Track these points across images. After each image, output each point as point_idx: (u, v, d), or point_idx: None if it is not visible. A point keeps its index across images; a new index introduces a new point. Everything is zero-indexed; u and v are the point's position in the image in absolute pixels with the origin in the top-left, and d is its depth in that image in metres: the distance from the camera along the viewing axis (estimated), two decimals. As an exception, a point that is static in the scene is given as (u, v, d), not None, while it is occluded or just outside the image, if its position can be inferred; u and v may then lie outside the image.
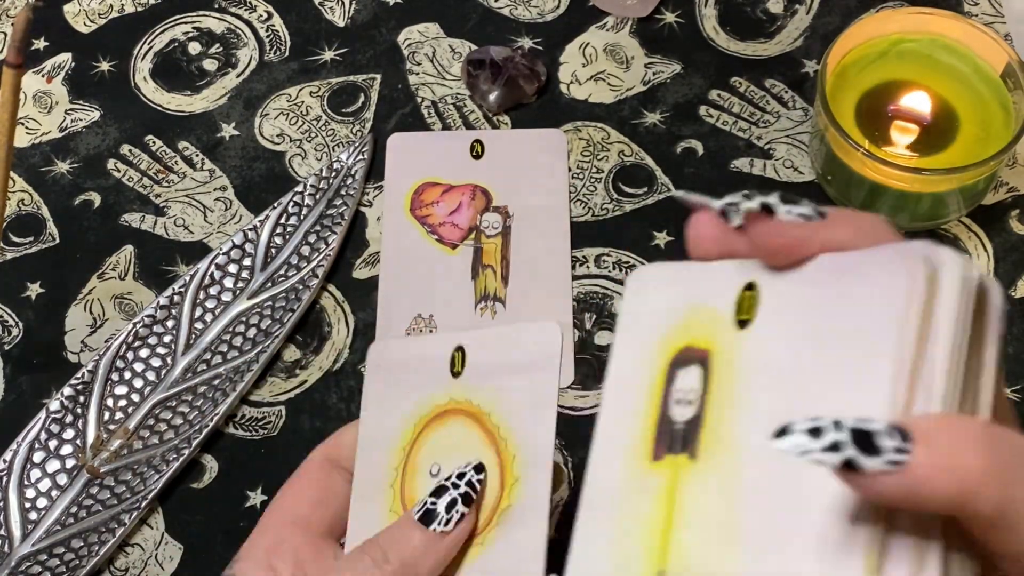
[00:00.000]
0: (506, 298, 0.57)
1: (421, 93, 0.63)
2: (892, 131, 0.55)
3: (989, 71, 0.55)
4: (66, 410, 0.54)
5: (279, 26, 0.66)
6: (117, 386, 0.55)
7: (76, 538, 0.52)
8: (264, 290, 0.57)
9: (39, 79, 0.65)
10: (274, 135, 0.62)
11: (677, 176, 0.60)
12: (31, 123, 0.64)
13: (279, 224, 0.59)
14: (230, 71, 0.65)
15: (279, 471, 0.54)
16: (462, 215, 0.59)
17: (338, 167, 0.60)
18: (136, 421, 0.55)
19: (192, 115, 0.63)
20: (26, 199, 0.62)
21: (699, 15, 0.64)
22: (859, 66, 0.56)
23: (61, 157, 0.63)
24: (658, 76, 0.62)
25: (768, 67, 0.62)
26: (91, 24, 0.67)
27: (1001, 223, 0.57)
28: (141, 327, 0.56)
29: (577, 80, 0.63)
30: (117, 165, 0.62)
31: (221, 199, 0.61)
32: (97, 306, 0.58)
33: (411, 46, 0.65)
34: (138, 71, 0.65)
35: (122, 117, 0.64)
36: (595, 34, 0.64)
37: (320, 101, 0.63)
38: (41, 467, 0.53)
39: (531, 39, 0.64)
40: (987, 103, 0.55)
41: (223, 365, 0.56)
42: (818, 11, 0.64)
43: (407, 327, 0.56)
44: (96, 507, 0.53)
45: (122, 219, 0.61)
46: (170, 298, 0.57)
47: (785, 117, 0.61)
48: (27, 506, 0.53)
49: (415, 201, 0.60)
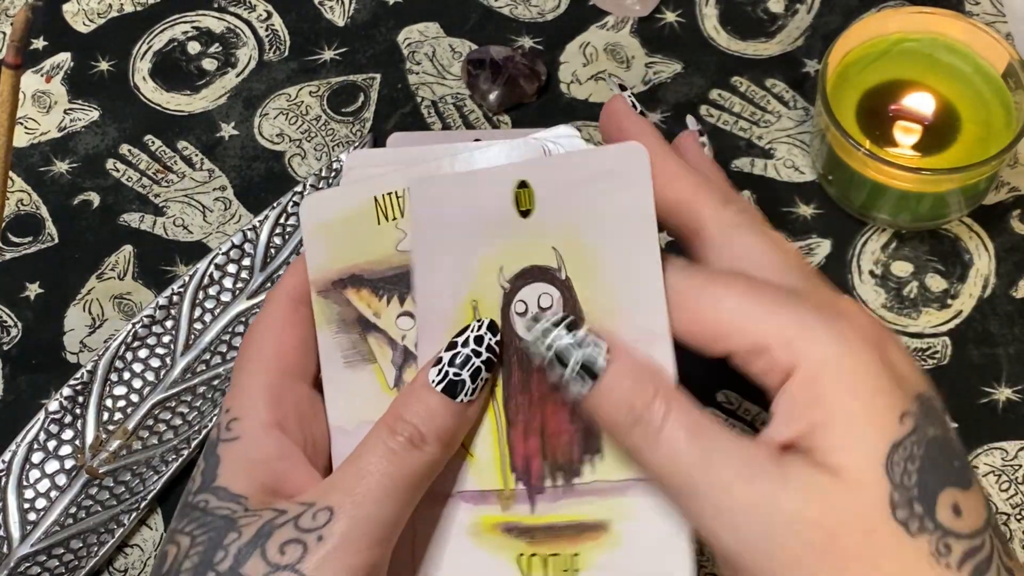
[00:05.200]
0: None
1: (421, 93, 0.63)
2: (895, 131, 0.55)
3: (990, 71, 0.55)
4: (65, 411, 0.54)
5: (279, 26, 0.66)
6: (116, 386, 0.55)
7: (75, 539, 0.52)
8: (264, 290, 0.57)
9: (38, 79, 0.65)
10: (274, 135, 0.62)
11: (678, 176, 0.59)
12: (30, 123, 0.64)
13: (279, 224, 0.58)
14: (229, 71, 0.65)
15: (279, 472, 0.54)
16: None
17: (338, 167, 0.60)
18: (135, 422, 0.55)
19: (191, 115, 0.63)
20: (25, 199, 0.61)
21: (700, 14, 0.64)
22: (860, 66, 0.56)
23: (60, 157, 0.63)
24: (659, 76, 0.62)
25: (769, 67, 0.62)
26: (90, 24, 0.67)
27: (1002, 223, 0.57)
28: (140, 327, 0.56)
29: (577, 80, 0.63)
30: (116, 165, 0.62)
31: (220, 199, 0.61)
32: (96, 306, 0.58)
33: (411, 46, 0.65)
34: (137, 71, 0.65)
35: (121, 117, 0.64)
36: (595, 33, 0.64)
37: (320, 101, 0.63)
38: (40, 468, 0.53)
39: (531, 39, 0.64)
40: (988, 103, 0.55)
41: (223, 365, 0.55)
42: (819, 10, 0.64)
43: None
44: (95, 508, 0.52)
45: (121, 219, 0.61)
46: (169, 298, 0.57)
47: (786, 117, 0.61)
48: (26, 507, 0.53)
49: None
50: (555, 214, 0.37)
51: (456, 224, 0.39)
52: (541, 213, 0.38)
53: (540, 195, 0.38)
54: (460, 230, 0.39)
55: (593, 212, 0.37)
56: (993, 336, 0.54)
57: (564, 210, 0.37)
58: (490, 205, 0.38)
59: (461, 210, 0.39)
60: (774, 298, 0.34)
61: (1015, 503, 0.51)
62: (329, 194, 0.41)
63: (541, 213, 0.38)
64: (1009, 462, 0.52)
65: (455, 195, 0.39)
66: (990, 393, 0.53)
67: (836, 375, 0.32)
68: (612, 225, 0.37)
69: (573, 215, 0.37)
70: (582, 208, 0.37)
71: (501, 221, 0.38)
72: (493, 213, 0.38)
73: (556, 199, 0.37)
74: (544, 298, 0.37)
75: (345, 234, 0.40)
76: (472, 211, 0.38)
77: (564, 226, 0.37)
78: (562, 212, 0.37)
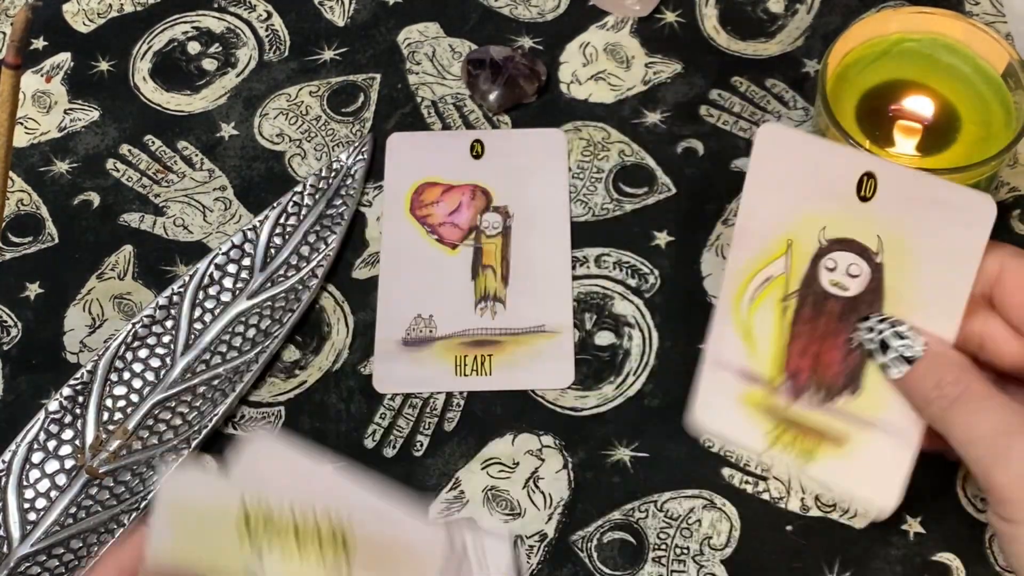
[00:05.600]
0: (506, 298, 0.57)
1: (421, 93, 0.63)
2: (895, 132, 0.55)
3: (990, 71, 0.55)
4: (65, 410, 0.54)
5: (279, 26, 0.66)
6: (116, 386, 0.55)
7: (75, 539, 0.52)
8: (264, 290, 0.57)
9: (38, 79, 0.65)
10: (273, 135, 0.62)
11: (678, 176, 0.60)
12: (30, 123, 0.64)
13: (279, 224, 0.59)
14: (229, 71, 0.65)
15: (278, 472, 0.54)
16: (462, 215, 0.59)
17: (338, 167, 0.60)
18: (135, 422, 0.55)
19: (191, 115, 0.63)
20: (25, 199, 0.61)
21: (700, 15, 0.64)
22: (860, 66, 0.56)
23: (60, 157, 0.63)
24: (658, 76, 0.62)
25: (769, 67, 0.62)
26: (90, 24, 0.67)
27: (1002, 223, 0.57)
28: (140, 327, 0.56)
29: (577, 80, 0.63)
30: (116, 165, 0.62)
31: (220, 199, 0.61)
32: (96, 306, 0.58)
33: (411, 46, 0.65)
34: (137, 71, 0.65)
35: (121, 117, 0.64)
36: (595, 34, 0.64)
37: (320, 101, 0.63)
38: (40, 468, 0.53)
39: (531, 39, 0.64)
40: (988, 103, 0.55)
41: (222, 365, 0.56)
42: (819, 11, 0.64)
43: (407, 327, 0.56)
44: (95, 508, 0.53)
45: (121, 219, 0.61)
46: (169, 298, 0.57)
47: (786, 117, 0.61)
48: (26, 507, 0.53)
49: (415, 201, 0.60)
50: (891, 212, 0.45)
51: (793, 175, 0.46)
52: (879, 204, 0.45)
53: (883, 190, 0.45)
54: (796, 182, 0.46)
55: (927, 228, 0.44)
56: (993, 336, 0.54)
57: (900, 213, 0.44)
58: (833, 177, 0.45)
59: (802, 167, 0.46)
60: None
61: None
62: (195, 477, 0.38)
63: (879, 204, 0.45)
64: (1009, 462, 0.52)
65: (802, 152, 0.46)
66: (990, 393, 0.53)
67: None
68: (940, 247, 0.44)
69: (907, 221, 0.44)
70: (918, 220, 0.44)
71: (839, 195, 0.45)
72: (834, 185, 0.45)
73: (896, 201, 0.44)
74: (854, 267, 0.45)
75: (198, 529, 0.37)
76: (812, 173, 0.46)
77: (895, 225, 0.45)
78: (898, 213, 0.44)
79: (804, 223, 0.46)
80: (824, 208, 0.46)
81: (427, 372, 0.55)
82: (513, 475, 0.53)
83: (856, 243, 0.45)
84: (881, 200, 0.45)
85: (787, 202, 0.47)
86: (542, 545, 0.51)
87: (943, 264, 0.44)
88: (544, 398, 0.54)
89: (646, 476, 0.52)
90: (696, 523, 0.51)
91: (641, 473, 0.52)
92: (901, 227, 0.45)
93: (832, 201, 0.46)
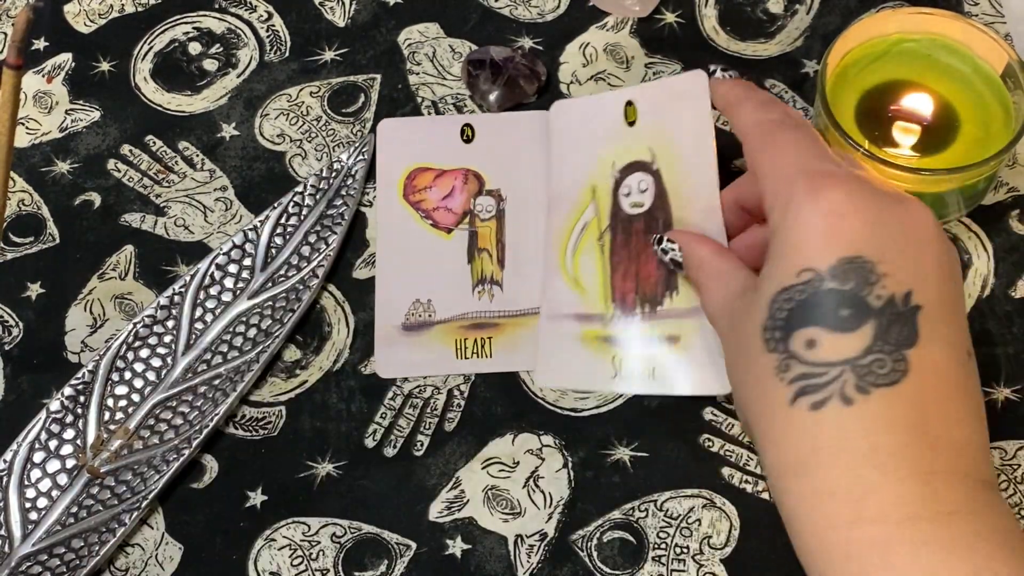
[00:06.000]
0: (503, 281, 0.57)
1: (421, 93, 0.63)
2: (894, 132, 0.55)
3: (989, 71, 0.55)
4: (66, 410, 0.54)
5: (279, 26, 0.66)
6: (117, 386, 0.55)
7: (76, 538, 0.52)
8: (264, 290, 0.57)
9: (39, 79, 0.65)
10: (274, 135, 0.62)
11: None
12: (31, 123, 0.64)
13: (279, 224, 0.59)
14: (230, 71, 0.65)
15: (279, 471, 0.54)
16: (455, 199, 0.59)
17: (338, 167, 0.60)
18: (136, 421, 0.55)
19: (192, 115, 0.63)
20: (26, 199, 0.62)
21: (699, 15, 0.64)
22: (859, 66, 0.56)
23: (61, 157, 0.63)
24: (658, 76, 0.62)
25: (768, 67, 0.62)
26: (91, 24, 0.67)
27: (1001, 223, 0.57)
28: (141, 327, 0.56)
29: (577, 80, 0.63)
30: (117, 165, 0.62)
31: (221, 199, 0.61)
32: (97, 306, 0.58)
33: (411, 46, 0.65)
34: (138, 71, 0.65)
35: (122, 117, 0.64)
36: (595, 34, 0.64)
37: (320, 101, 0.63)
38: (41, 467, 0.53)
39: (531, 39, 0.64)
40: (987, 103, 0.55)
41: (223, 365, 0.56)
42: (818, 11, 0.64)
43: (405, 312, 0.56)
44: (96, 507, 0.53)
45: (122, 219, 0.61)
46: (170, 298, 0.57)
47: (785, 117, 0.61)
48: (27, 506, 0.53)
49: (408, 187, 0.60)
50: (650, 124, 0.53)
51: (582, 132, 0.56)
52: (642, 123, 0.54)
53: (641, 110, 0.54)
54: (585, 136, 0.56)
55: (672, 123, 0.52)
56: (992, 336, 0.54)
57: (656, 121, 0.53)
58: (608, 118, 0.55)
59: (586, 122, 0.56)
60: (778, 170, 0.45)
61: (1013, 502, 0.51)
62: None
63: (642, 123, 0.54)
64: (1008, 462, 0.52)
65: (583, 111, 0.57)
66: (989, 393, 0.53)
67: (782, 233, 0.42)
68: (685, 131, 0.52)
69: (661, 124, 0.53)
70: (667, 119, 0.53)
71: (615, 129, 0.54)
72: (609, 124, 0.55)
73: (651, 113, 0.54)
74: (643, 183, 0.53)
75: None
76: (593, 123, 0.56)
77: (656, 132, 0.53)
78: (655, 122, 0.53)
79: (599, 167, 0.55)
80: (609, 147, 0.54)
81: (428, 356, 0.55)
82: (513, 474, 0.53)
83: (638, 163, 0.53)
84: (642, 118, 0.54)
85: (582, 157, 0.55)
86: (542, 544, 0.51)
87: (689, 143, 0.52)
88: (544, 399, 0.54)
89: (646, 475, 0.52)
90: (696, 523, 0.51)
91: (641, 472, 0.52)
92: (661, 133, 0.53)
93: (612, 137, 0.54)
